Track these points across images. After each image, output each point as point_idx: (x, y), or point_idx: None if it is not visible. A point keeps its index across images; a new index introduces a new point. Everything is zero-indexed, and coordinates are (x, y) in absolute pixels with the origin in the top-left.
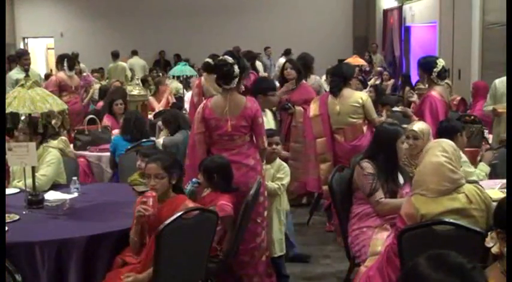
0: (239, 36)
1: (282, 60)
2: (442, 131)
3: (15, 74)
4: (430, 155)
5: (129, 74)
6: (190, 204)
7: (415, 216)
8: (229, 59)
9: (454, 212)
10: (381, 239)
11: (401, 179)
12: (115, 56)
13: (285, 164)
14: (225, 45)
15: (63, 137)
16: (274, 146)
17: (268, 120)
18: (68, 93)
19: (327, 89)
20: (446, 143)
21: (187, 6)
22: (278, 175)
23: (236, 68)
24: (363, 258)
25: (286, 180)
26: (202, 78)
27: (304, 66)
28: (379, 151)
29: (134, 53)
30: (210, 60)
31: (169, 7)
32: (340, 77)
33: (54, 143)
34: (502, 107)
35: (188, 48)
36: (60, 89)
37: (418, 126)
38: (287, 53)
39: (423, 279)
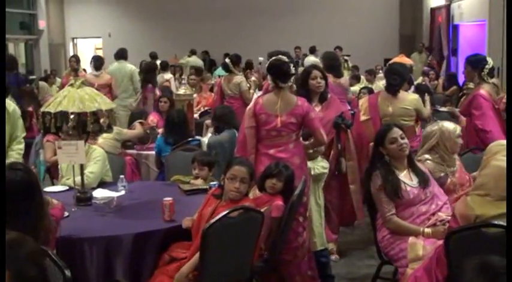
0: (284, 35)
1: (312, 58)
2: None
3: None
4: (497, 159)
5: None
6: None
7: (469, 217)
8: (284, 58)
9: None
10: (419, 244)
11: (415, 180)
12: (153, 57)
13: (325, 161)
14: (270, 45)
15: (116, 128)
16: None
17: None
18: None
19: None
20: None
21: (233, 7)
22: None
23: (292, 67)
24: (402, 262)
25: (322, 170)
26: (222, 78)
27: (337, 67)
28: (376, 155)
29: (193, 52)
30: (227, 61)
31: (215, 8)
32: (401, 77)
33: (109, 135)
34: None
35: (233, 49)
36: None
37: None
38: (312, 51)
39: None
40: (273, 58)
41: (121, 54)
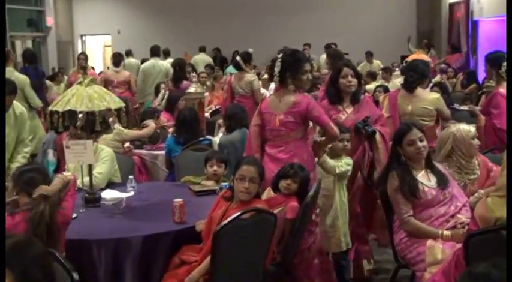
0: (297, 33)
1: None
2: None
3: None
4: None
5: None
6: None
7: (489, 219)
8: (277, 56)
9: None
10: (438, 247)
11: (433, 181)
12: (166, 54)
13: (349, 158)
14: (282, 43)
15: (116, 126)
16: (345, 143)
17: None
18: None
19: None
20: None
21: (244, 4)
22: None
23: (276, 66)
24: (420, 266)
25: (346, 168)
26: (232, 76)
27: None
28: (394, 154)
29: (202, 49)
30: (238, 59)
31: (226, 5)
32: (418, 74)
33: (109, 136)
34: None
35: (245, 46)
36: None
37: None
38: (327, 48)
39: None
40: None
41: (154, 51)
